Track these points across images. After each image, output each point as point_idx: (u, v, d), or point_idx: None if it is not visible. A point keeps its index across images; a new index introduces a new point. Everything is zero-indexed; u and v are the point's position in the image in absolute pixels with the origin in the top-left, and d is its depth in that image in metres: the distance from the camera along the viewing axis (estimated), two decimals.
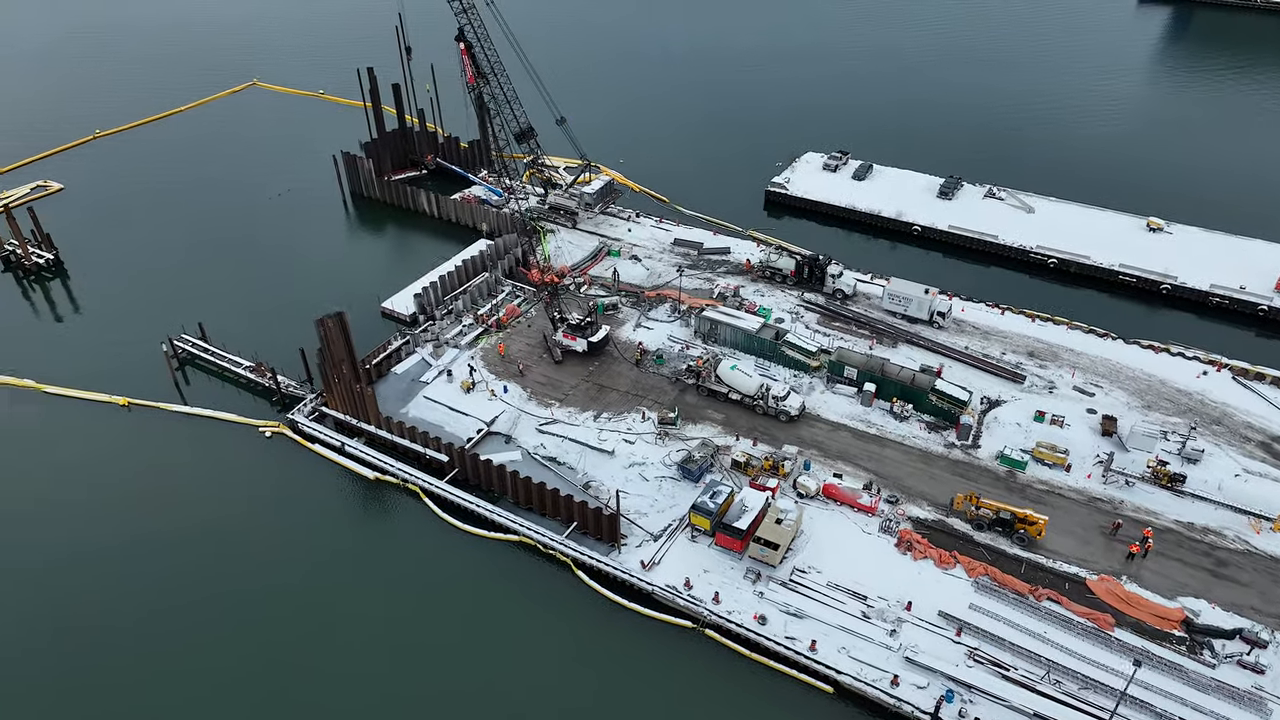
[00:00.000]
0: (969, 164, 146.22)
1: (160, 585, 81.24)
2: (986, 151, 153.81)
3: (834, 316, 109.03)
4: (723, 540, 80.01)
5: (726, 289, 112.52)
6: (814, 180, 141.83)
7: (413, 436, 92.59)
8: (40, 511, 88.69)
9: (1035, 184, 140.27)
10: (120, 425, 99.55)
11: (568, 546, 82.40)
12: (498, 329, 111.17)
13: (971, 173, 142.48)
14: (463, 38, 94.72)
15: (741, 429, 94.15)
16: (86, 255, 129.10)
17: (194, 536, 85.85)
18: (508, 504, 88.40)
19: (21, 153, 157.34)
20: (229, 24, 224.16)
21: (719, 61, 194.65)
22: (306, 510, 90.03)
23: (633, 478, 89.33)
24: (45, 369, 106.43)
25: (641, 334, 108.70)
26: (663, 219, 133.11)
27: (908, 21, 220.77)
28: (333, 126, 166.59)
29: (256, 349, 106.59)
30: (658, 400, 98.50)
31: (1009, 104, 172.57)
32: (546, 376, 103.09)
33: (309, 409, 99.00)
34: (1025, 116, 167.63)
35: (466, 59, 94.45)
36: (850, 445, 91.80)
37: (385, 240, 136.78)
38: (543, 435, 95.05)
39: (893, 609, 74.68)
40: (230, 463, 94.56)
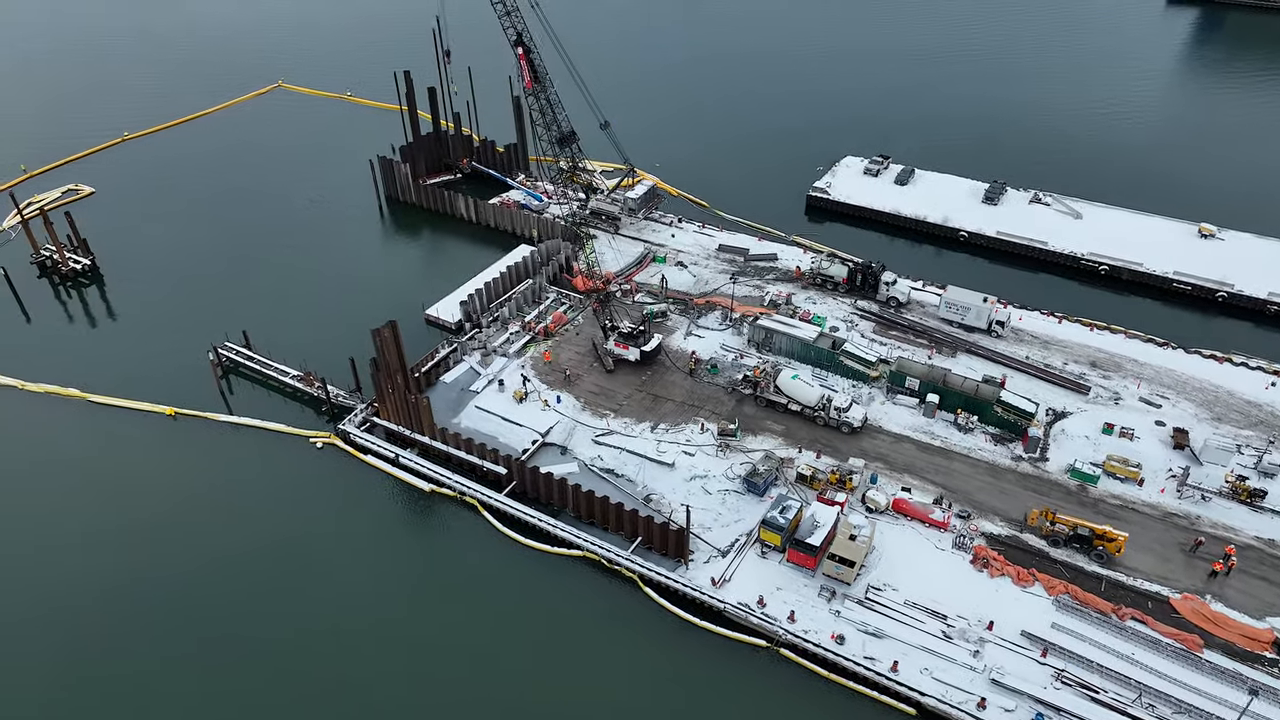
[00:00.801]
0: (1011, 168, 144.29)
1: (220, 599, 79.61)
2: (1028, 155, 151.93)
3: (889, 325, 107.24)
4: (795, 557, 78.27)
5: (778, 296, 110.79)
6: (855, 185, 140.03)
7: (469, 448, 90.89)
8: (91, 523, 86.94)
9: (1078, 188, 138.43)
10: (167, 435, 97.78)
11: (634, 562, 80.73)
12: (545, 337, 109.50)
13: (1014, 177, 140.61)
14: (520, 43, 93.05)
15: (803, 441, 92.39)
16: (122, 260, 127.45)
17: (250, 549, 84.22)
18: (568, 517, 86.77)
19: (50, 155, 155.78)
20: (251, 25, 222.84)
21: (753, 65, 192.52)
22: (362, 523, 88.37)
23: (695, 491, 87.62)
24: (88, 377, 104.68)
25: (693, 342, 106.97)
26: (705, 224, 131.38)
27: (937, 24, 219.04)
28: (361, 129, 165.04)
29: (299, 357, 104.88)
30: (715, 411, 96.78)
31: (1046, 107, 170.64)
32: (599, 386, 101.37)
33: (359, 419, 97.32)
34: (1063, 120, 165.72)
35: (524, 64, 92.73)
36: (915, 458, 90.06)
37: (424, 245, 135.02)
38: (599, 446, 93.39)
39: (974, 628, 72.96)
40: (282, 474, 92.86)
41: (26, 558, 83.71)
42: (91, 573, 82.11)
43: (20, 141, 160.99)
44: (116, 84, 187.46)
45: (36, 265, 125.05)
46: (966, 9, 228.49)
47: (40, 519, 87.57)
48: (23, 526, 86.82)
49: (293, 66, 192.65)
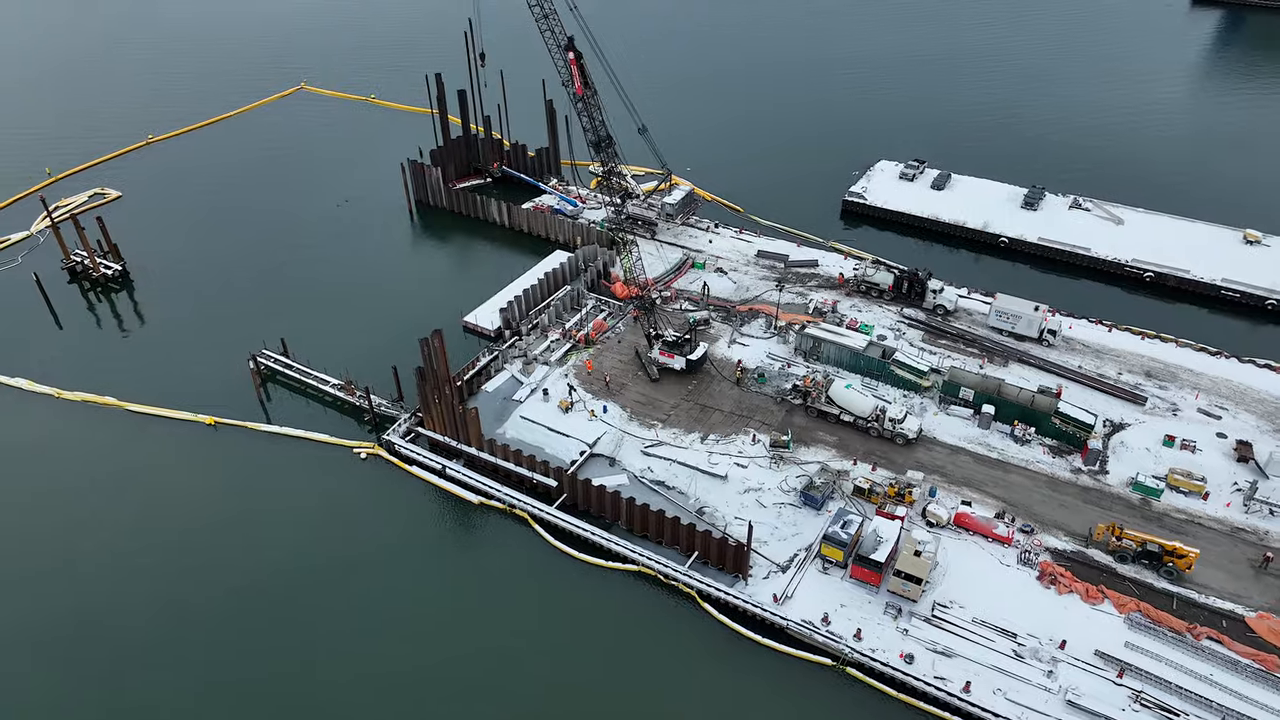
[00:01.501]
0: (1047, 173, 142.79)
1: (267, 611, 78.13)
2: (1063, 159, 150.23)
3: (939, 333, 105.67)
4: (859, 573, 76.71)
5: (824, 304, 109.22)
6: (891, 189, 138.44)
7: (518, 460, 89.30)
8: (134, 535, 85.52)
9: (1117, 193, 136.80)
10: (208, 446, 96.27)
11: (691, 577, 79.17)
12: (586, 345, 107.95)
13: (1051, 182, 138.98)
14: (571, 47, 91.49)
15: (857, 453, 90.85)
16: (152, 266, 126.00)
17: (296, 562, 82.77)
18: (619, 531, 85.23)
19: (75, 158, 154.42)
20: (272, 26, 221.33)
21: (783, 69, 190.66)
22: (410, 536, 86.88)
23: (749, 504, 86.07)
24: (123, 385, 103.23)
25: (737, 351, 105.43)
26: (742, 230, 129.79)
27: (960, 28, 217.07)
28: (386, 132, 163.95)
29: (335, 364, 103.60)
30: (764, 421, 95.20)
31: (1079, 111, 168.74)
32: (644, 395, 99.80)
33: (403, 429, 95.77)
34: (1097, 123, 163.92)
35: (575, 69, 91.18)
36: (973, 470, 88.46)
37: (457, 251, 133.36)
38: (648, 458, 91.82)
39: (1046, 648, 71.37)
40: (326, 486, 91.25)
41: (70, 568, 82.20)
42: (135, 585, 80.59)
43: (45, 144, 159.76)
44: (139, 85, 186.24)
45: (67, 271, 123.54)
46: (990, 12, 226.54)
47: (82, 529, 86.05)
48: (63, 537, 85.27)
49: (315, 68, 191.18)
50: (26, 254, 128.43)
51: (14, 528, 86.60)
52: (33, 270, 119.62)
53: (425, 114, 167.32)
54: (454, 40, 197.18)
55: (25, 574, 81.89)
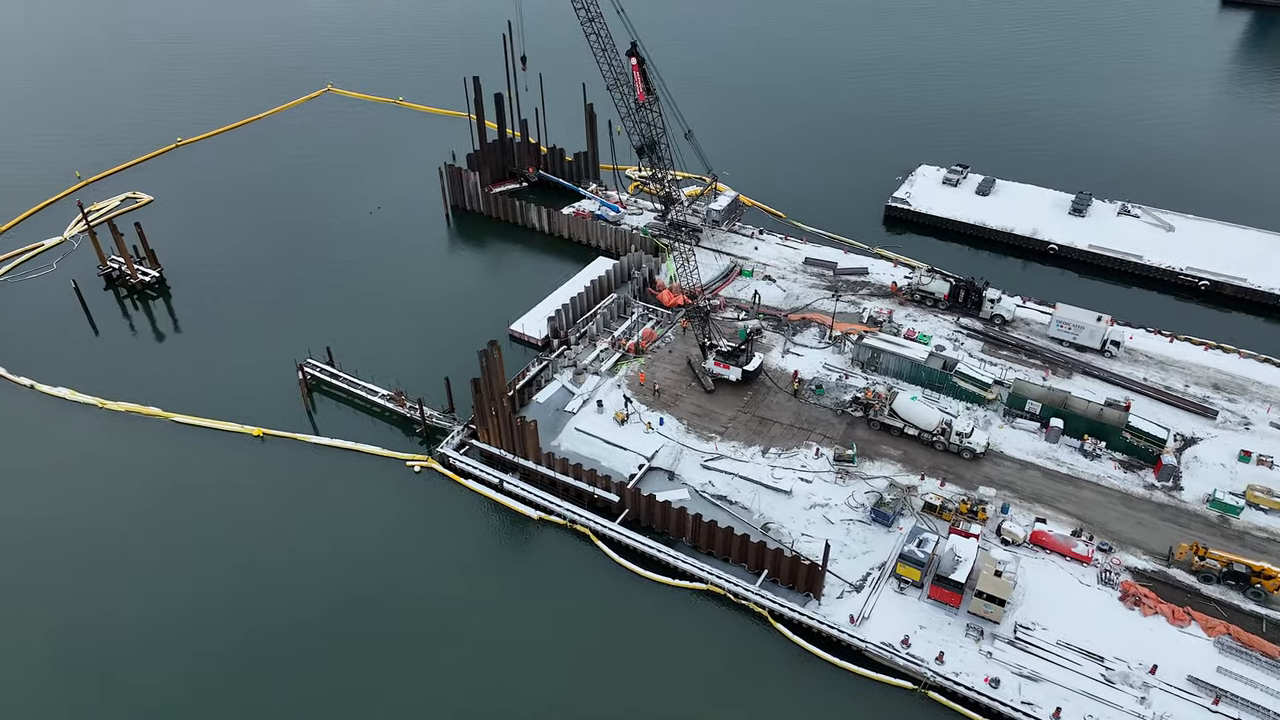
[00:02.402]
0: (1091, 178, 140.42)
1: (324, 628, 76.27)
2: (1107, 164, 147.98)
3: (998, 344, 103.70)
4: (938, 593, 74.76)
5: (879, 313, 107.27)
6: (935, 195, 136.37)
7: (577, 474, 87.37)
8: (184, 548, 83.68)
9: (1164, 199, 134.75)
10: (257, 458, 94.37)
11: (763, 596, 77.25)
12: (636, 354, 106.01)
13: (1097, 187, 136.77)
14: (635, 52, 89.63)
15: (923, 467, 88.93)
16: (187, 272, 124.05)
17: (353, 578, 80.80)
18: (683, 547, 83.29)
19: (105, 162, 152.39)
20: (296, 28, 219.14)
21: (820, 72, 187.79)
22: (469, 551, 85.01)
23: (815, 520, 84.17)
24: (166, 395, 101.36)
25: (791, 361, 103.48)
26: (787, 236, 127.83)
27: (992, 29, 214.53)
28: (417, 135, 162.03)
29: (379, 372, 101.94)
30: (825, 434, 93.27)
31: (1117, 114, 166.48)
32: (700, 407, 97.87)
33: (456, 442, 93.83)
34: (1135, 127, 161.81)
35: (637, 75, 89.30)
36: (1043, 486, 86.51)
37: (497, 257, 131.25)
38: (709, 471, 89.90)
39: (1136, 672, 69.44)
40: (380, 500, 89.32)
41: (125, 584, 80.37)
42: (190, 602, 78.68)
43: (73, 147, 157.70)
44: (164, 88, 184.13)
45: (103, 277, 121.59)
46: (1019, 15, 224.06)
47: (131, 543, 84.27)
48: (113, 551, 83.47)
49: (341, 70, 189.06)
50: (61, 260, 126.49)
51: (67, 542, 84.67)
52: (71, 278, 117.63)
53: (455, 116, 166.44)
54: (479, 42, 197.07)
55: (82, 589, 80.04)
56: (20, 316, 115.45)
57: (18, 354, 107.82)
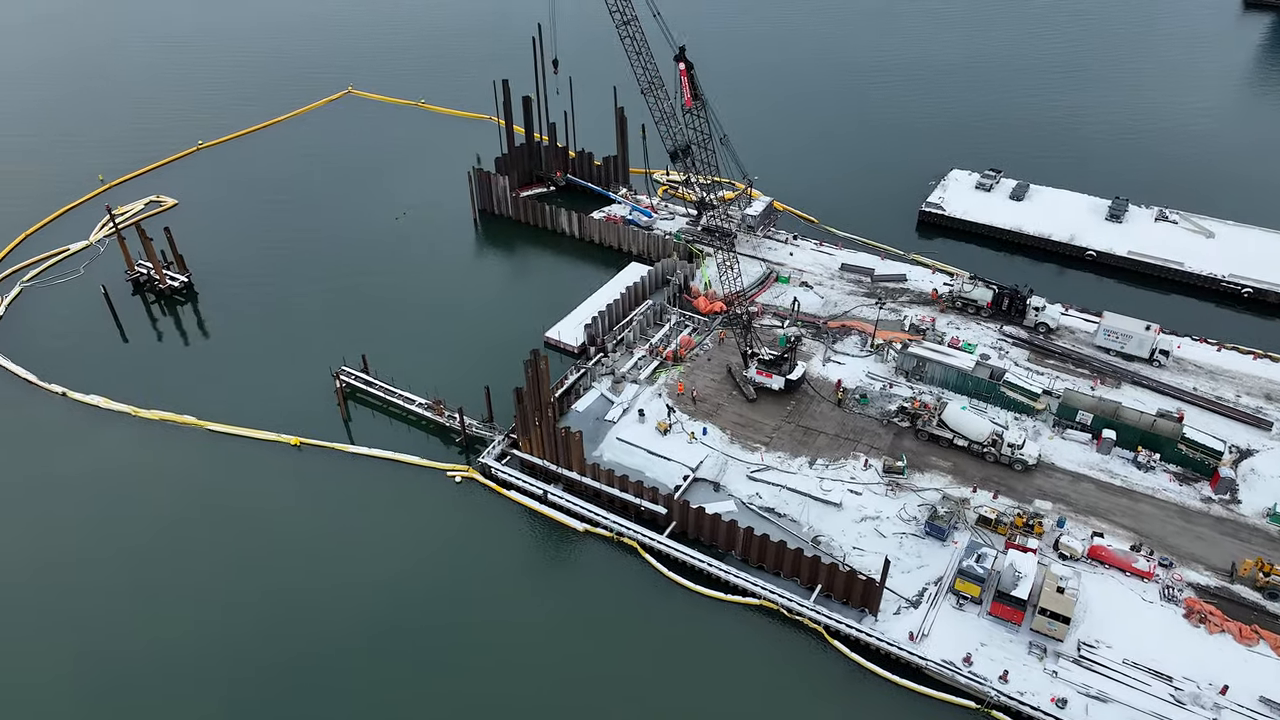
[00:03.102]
0: (1124, 183, 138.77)
1: (367, 643, 74.80)
2: (1140, 169, 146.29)
3: (1044, 353, 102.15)
4: (999, 610, 73.21)
5: (921, 321, 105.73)
6: (969, 200, 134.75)
7: (623, 485, 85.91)
8: (225, 561, 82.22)
9: (1201, 205, 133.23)
10: (295, 467, 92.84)
11: (818, 612, 75.75)
12: (674, 361, 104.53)
13: (1129, 192, 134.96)
14: (683, 57, 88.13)
15: (974, 479, 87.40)
16: (214, 277, 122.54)
17: (400, 591, 79.32)
18: (732, 561, 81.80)
19: (127, 165, 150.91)
20: (316, 29, 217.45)
21: (849, 75, 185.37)
22: (514, 564, 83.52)
23: (867, 533, 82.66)
24: (200, 403, 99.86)
25: (832, 369, 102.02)
26: (822, 242, 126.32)
27: (1014, 34, 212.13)
28: (441, 138, 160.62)
29: (412, 380, 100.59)
30: (872, 445, 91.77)
31: (1149, 118, 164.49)
32: (742, 416, 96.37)
33: (497, 452, 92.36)
34: (1169, 131, 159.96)
35: (685, 80, 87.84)
36: (1097, 498, 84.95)
37: (528, 262, 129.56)
38: (755, 483, 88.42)
39: (1206, 692, 67.94)
40: (421, 511, 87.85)
41: (164, 598, 78.88)
42: (234, 614, 77.26)
43: (95, 150, 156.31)
44: (183, 90, 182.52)
45: (131, 282, 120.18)
46: (1045, 18, 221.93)
47: (170, 555, 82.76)
48: (152, 563, 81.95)
49: (361, 72, 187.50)
50: (88, 264, 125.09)
51: (105, 553, 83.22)
52: (100, 284, 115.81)
53: (477, 119, 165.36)
54: (501, 44, 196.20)
55: (120, 604, 78.59)
56: (48, 322, 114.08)
57: (48, 361, 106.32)
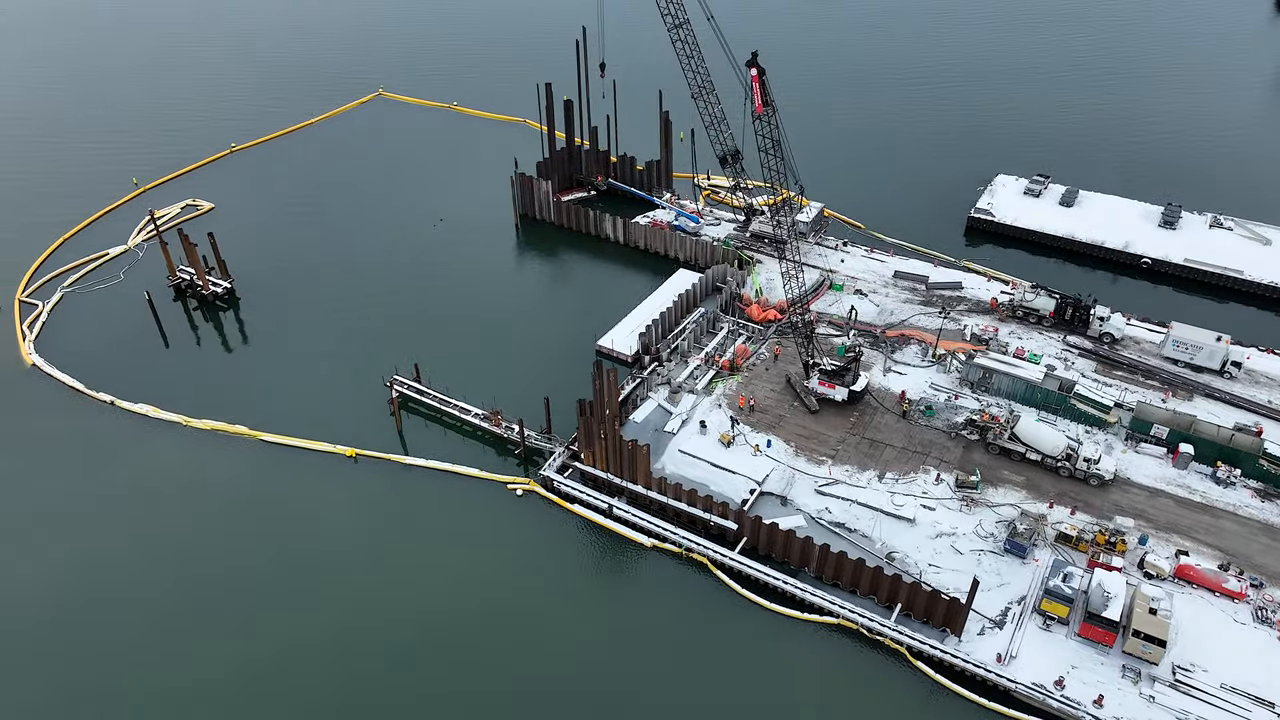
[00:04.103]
0: (1175, 188, 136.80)
1: (449, 661, 73.13)
2: (1188, 174, 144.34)
3: (1111, 364, 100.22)
4: (1090, 632, 71.29)
5: (985, 331, 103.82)
6: (1018, 206, 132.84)
7: (692, 499, 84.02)
8: (289, 575, 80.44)
9: (1249, 210, 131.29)
10: (352, 479, 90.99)
11: (900, 632, 73.86)
12: (730, 371, 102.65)
13: (1177, 197, 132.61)
14: (755, 63, 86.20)
15: (1048, 494, 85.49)
16: (255, 283, 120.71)
17: (467, 608, 77.58)
18: (806, 578, 79.85)
19: (160, 168, 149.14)
20: (344, 30, 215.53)
21: (890, 78, 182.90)
22: (579, 581, 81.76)
23: (942, 550, 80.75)
24: (249, 413, 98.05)
25: (893, 380, 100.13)
26: (873, 249, 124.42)
27: (1054, 38, 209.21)
28: (473, 141, 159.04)
29: (465, 390, 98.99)
30: (941, 458, 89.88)
31: (1191, 121, 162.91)
32: (806, 428, 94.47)
33: (558, 464, 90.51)
34: (1215, 136, 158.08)
35: (757, 86, 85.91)
36: (1177, 515, 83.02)
37: (573, 269, 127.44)
38: (824, 497, 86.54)
39: None
40: (484, 525, 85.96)
41: (223, 614, 77.09)
42: (302, 631, 75.48)
43: (127, 152, 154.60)
44: (213, 91, 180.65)
45: (173, 288, 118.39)
46: (1083, 23, 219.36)
47: (229, 569, 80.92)
48: (212, 578, 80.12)
49: (392, 74, 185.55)
50: (127, 269, 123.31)
51: (166, 567, 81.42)
52: (145, 290, 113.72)
53: (510, 122, 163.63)
54: (534, 45, 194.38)
55: (178, 622, 76.80)
56: (91, 329, 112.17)
57: (93, 369, 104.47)
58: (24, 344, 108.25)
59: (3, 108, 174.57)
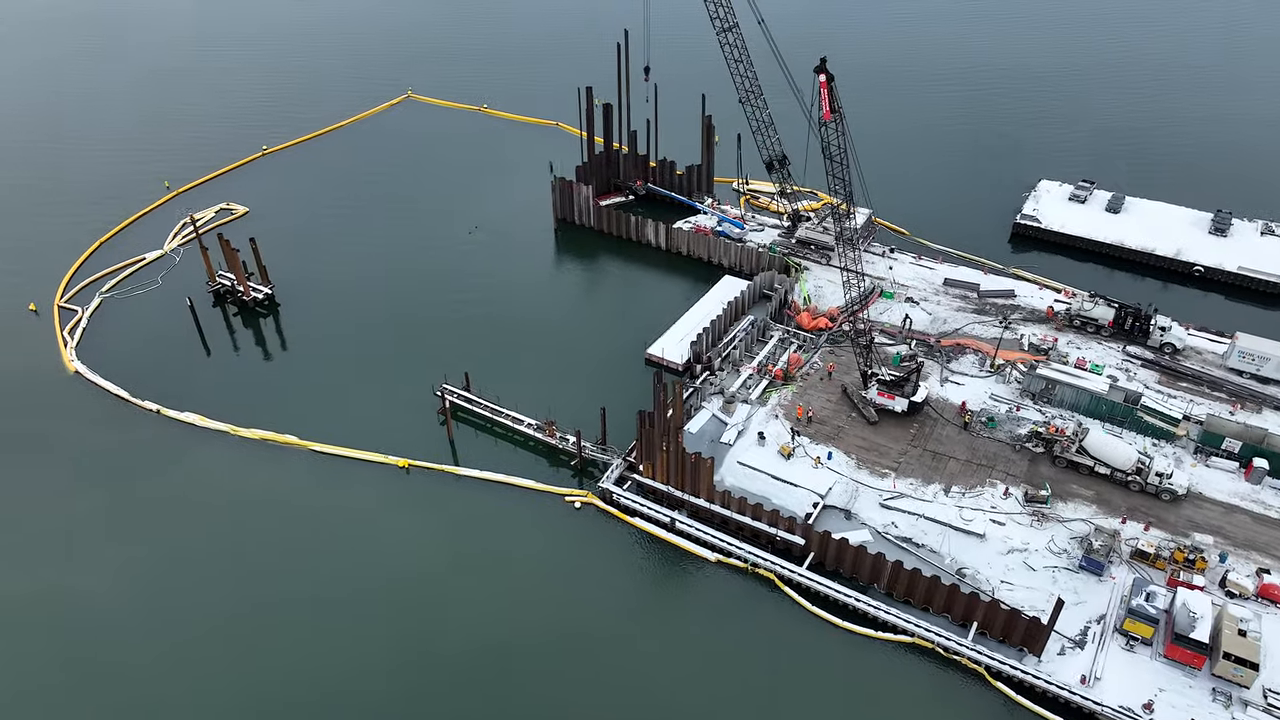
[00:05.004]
0: (1220, 194, 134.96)
1: (514, 680, 71.34)
2: (1237, 180, 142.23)
3: (1175, 375, 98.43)
4: (1177, 653, 69.54)
5: (1044, 340, 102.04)
6: (1064, 212, 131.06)
7: (756, 513, 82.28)
8: (346, 588, 78.76)
9: None
10: (405, 491, 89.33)
11: (978, 652, 72.11)
12: (784, 380, 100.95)
13: (1226, 204, 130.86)
14: (823, 69, 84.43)
15: (1119, 509, 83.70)
16: (294, 289, 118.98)
17: (531, 624, 75.81)
18: (876, 595, 78.12)
19: (190, 171, 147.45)
20: (373, 33, 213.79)
21: (929, 83, 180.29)
22: (643, 596, 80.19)
23: (1015, 566, 79.00)
24: (298, 422, 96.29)
25: (951, 390, 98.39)
26: (921, 255, 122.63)
27: (1096, 42, 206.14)
28: (504, 144, 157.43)
29: (512, 398, 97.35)
30: (1007, 471, 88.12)
31: (1244, 127, 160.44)
32: (866, 440, 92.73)
33: (616, 476, 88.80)
34: (1261, 141, 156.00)
35: (825, 92, 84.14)
36: (1255, 532, 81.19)
37: (615, 275, 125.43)
38: (888, 511, 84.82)
39: None
40: (543, 538, 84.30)
41: (282, 627, 75.55)
42: (362, 646, 73.77)
43: (156, 155, 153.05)
44: (243, 94, 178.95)
45: (212, 293, 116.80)
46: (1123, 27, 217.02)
47: (294, 582, 79.29)
48: (276, 592, 78.54)
49: (420, 76, 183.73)
50: (165, 274, 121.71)
51: (231, 576, 79.89)
52: (187, 296, 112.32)
53: (543, 125, 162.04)
54: (564, 47, 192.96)
55: (237, 639, 75.19)
56: (131, 335, 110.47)
57: (134, 376, 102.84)
58: (66, 351, 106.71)
59: (32, 109, 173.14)
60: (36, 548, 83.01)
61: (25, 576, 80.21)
